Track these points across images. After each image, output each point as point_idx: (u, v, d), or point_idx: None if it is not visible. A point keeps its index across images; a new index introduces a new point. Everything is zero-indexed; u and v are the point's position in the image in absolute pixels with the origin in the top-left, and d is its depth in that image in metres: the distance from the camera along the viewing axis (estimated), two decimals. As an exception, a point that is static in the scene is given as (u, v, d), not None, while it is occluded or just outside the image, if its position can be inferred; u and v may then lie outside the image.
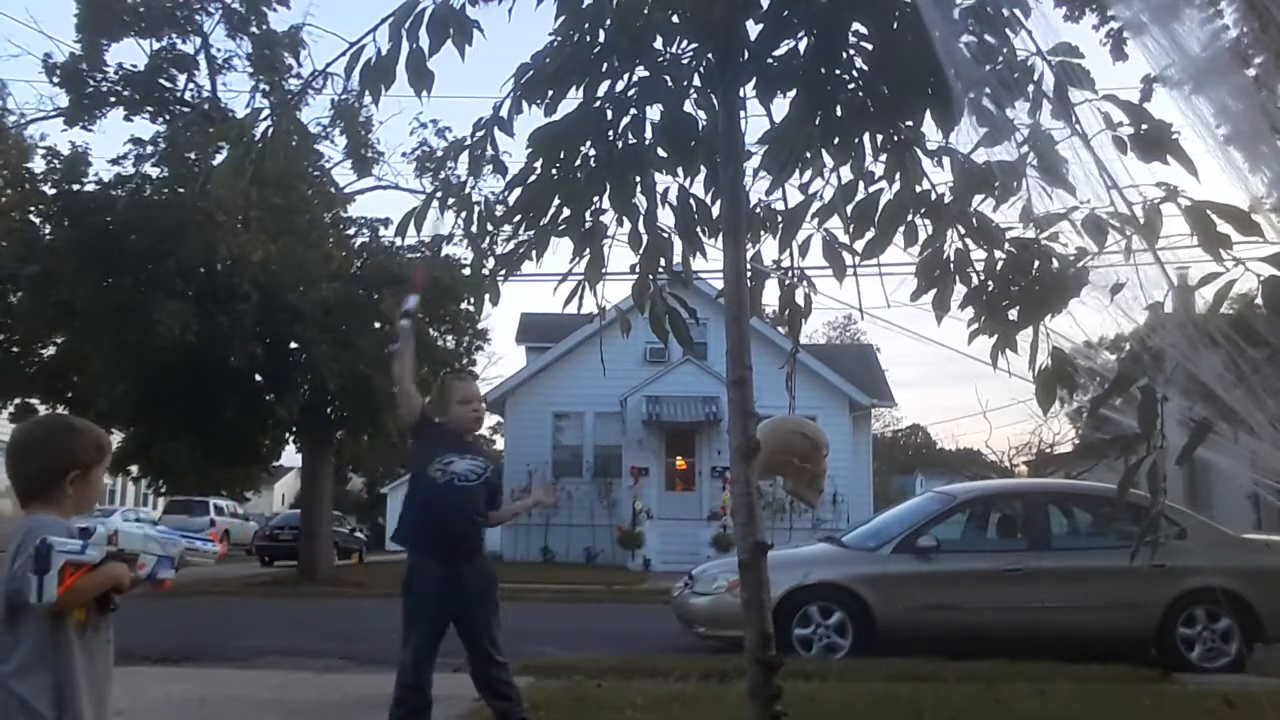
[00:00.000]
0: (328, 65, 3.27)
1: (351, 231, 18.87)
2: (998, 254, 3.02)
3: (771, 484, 4.24)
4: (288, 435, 19.66)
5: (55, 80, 17.63)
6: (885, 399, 29.63)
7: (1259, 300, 2.12)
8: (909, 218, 3.11)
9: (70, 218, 16.18)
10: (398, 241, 16.84)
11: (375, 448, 24.39)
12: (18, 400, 18.78)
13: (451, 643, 4.37)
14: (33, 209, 17.06)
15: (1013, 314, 3.03)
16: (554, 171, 3.07)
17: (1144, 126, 2.42)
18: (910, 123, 3.00)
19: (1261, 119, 1.95)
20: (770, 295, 3.49)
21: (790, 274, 3.43)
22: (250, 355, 15.89)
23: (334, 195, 18.79)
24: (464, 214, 3.26)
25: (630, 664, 7.19)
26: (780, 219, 3.31)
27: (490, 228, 3.30)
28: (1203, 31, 2.11)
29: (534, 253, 3.28)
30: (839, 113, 2.95)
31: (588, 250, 3.26)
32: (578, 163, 3.08)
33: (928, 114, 2.89)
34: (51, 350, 18.40)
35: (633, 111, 3.02)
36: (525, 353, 28.89)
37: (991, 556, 8.77)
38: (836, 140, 3.03)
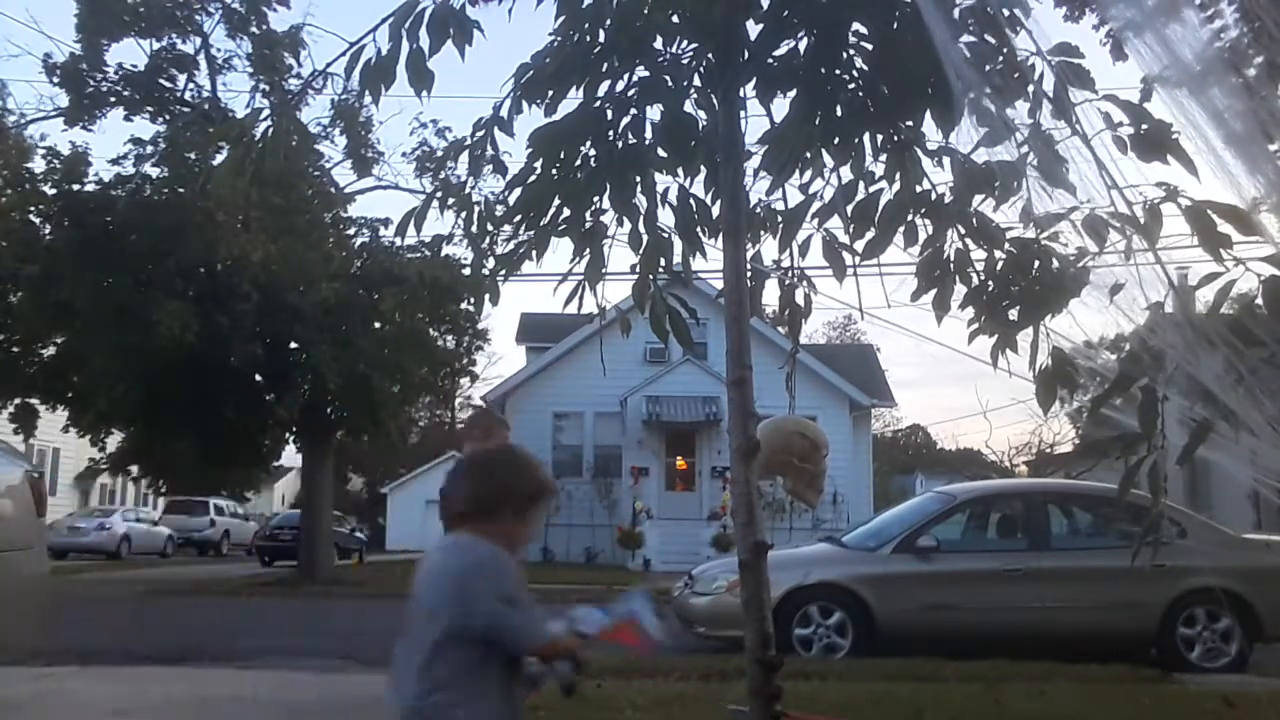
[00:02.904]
0: (328, 65, 3.27)
1: (351, 231, 18.85)
2: (998, 254, 3.02)
3: (771, 484, 4.24)
4: (288, 435, 19.65)
5: (55, 80, 17.62)
6: (885, 399, 29.62)
7: (1259, 301, 2.12)
8: (909, 218, 3.11)
9: (70, 218, 16.17)
10: (398, 241, 16.85)
11: (375, 448, 24.40)
12: (18, 400, 18.77)
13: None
14: (33, 209, 17.04)
15: (1013, 314, 3.03)
16: (554, 171, 3.07)
17: (1144, 126, 2.42)
18: (910, 123, 3.00)
19: (1256, 123, 1.95)
20: (770, 295, 3.50)
21: (790, 274, 3.43)
22: (250, 355, 15.88)
23: (334, 195, 18.77)
24: (464, 214, 3.26)
25: (630, 664, 7.18)
26: (780, 219, 3.31)
27: (490, 228, 3.30)
28: (1200, 34, 2.11)
29: (534, 253, 3.28)
30: (839, 113, 2.95)
31: (588, 250, 3.26)
32: (578, 163, 3.08)
33: (928, 114, 2.89)
34: (51, 350, 18.38)
35: (633, 111, 3.02)
36: (525, 353, 28.89)
37: (991, 556, 8.76)
38: (836, 140, 3.03)
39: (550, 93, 2.94)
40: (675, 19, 2.90)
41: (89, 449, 24.34)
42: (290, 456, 26.61)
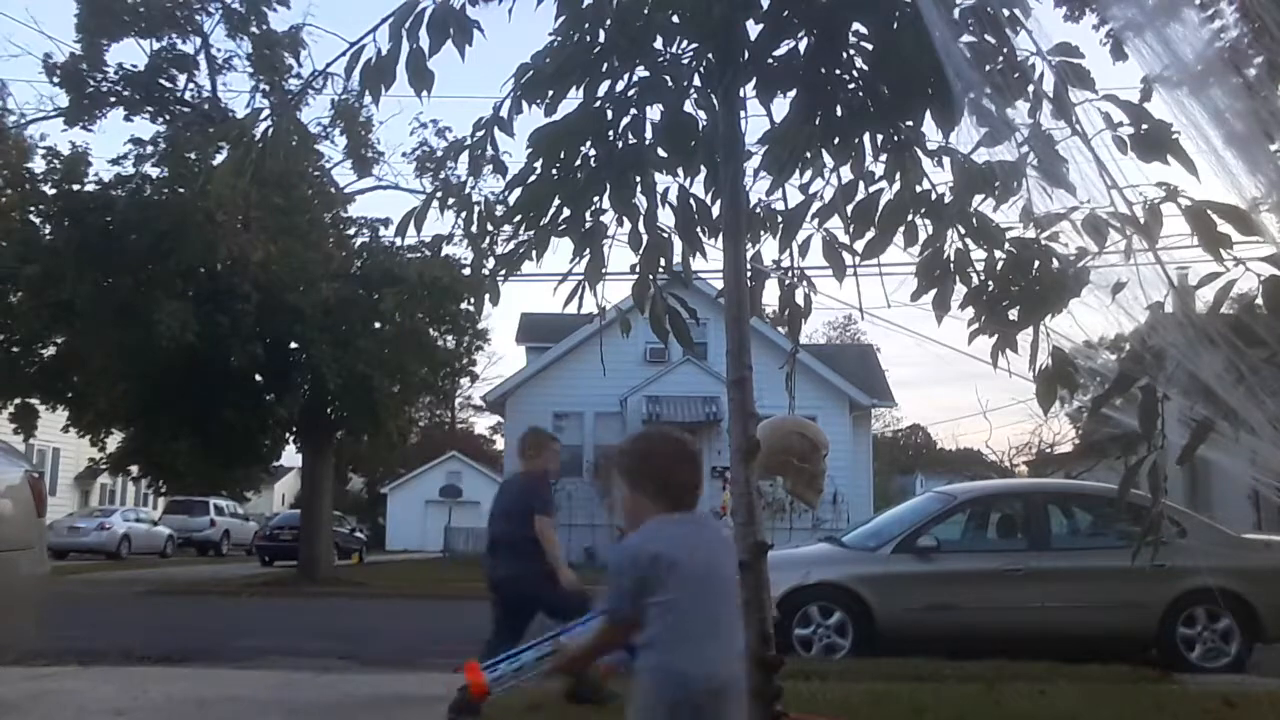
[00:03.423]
0: (328, 65, 3.26)
1: (351, 231, 18.87)
2: (998, 254, 3.02)
3: (771, 484, 4.24)
4: (288, 435, 19.66)
5: (55, 80, 17.63)
6: (885, 399, 29.61)
7: (1259, 300, 2.12)
8: (909, 218, 3.11)
9: (70, 218, 16.17)
10: (398, 241, 16.86)
11: (375, 448, 24.38)
12: (18, 400, 18.77)
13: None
14: (33, 209, 17.05)
15: (1013, 314, 3.03)
16: (554, 171, 3.07)
17: (1144, 126, 2.42)
18: (910, 123, 2.99)
19: (1256, 123, 1.95)
20: (770, 295, 3.49)
21: (790, 274, 3.43)
22: (250, 355, 15.89)
23: (334, 195, 18.79)
24: (464, 214, 3.26)
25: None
26: (780, 219, 3.31)
27: (490, 228, 3.30)
28: (1200, 34, 2.11)
29: (534, 253, 3.27)
30: (839, 113, 2.95)
31: (588, 250, 3.26)
32: (578, 163, 3.08)
33: (928, 114, 2.89)
34: (51, 350, 18.39)
35: (633, 111, 3.02)
36: (525, 353, 28.88)
37: (991, 556, 8.76)
38: (836, 140, 3.02)
39: (550, 93, 2.94)
40: (675, 19, 2.89)
41: (89, 449, 24.35)
42: (290, 456, 26.62)
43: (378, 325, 17.79)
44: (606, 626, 2.40)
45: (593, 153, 3.06)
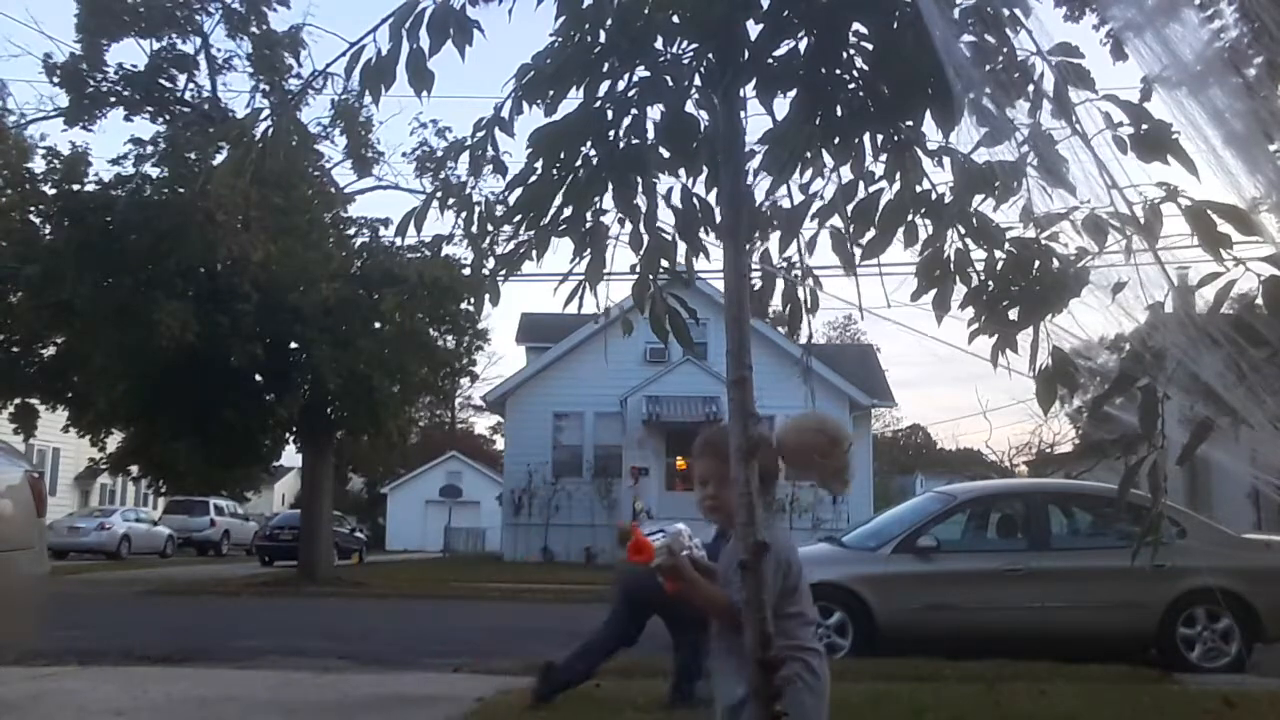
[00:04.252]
0: (328, 65, 3.26)
1: (351, 231, 18.89)
2: (998, 254, 3.02)
3: (795, 485, 4.25)
4: (288, 435, 19.68)
5: (55, 80, 17.66)
6: (885, 399, 29.66)
7: (1259, 300, 2.12)
8: (909, 218, 3.11)
9: (70, 218, 16.18)
10: (398, 241, 16.87)
11: (375, 448, 24.42)
12: (18, 400, 18.78)
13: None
14: (33, 209, 17.07)
15: (1013, 314, 3.03)
16: (554, 171, 3.07)
17: (1144, 126, 2.42)
18: (910, 123, 2.99)
19: (1256, 123, 1.95)
20: (774, 295, 3.49)
21: (793, 269, 3.42)
22: (250, 355, 15.90)
23: (334, 195, 18.81)
24: (464, 214, 3.25)
25: (630, 664, 7.18)
26: (778, 220, 3.31)
27: (490, 228, 3.30)
28: (1200, 34, 2.11)
29: (534, 253, 3.27)
30: (839, 113, 2.95)
31: (588, 250, 3.26)
32: (578, 163, 3.08)
33: (928, 114, 2.89)
34: (51, 350, 18.40)
35: (633, 112, 3.02)
36: (525, 353, 28.93)
37: (991, 556, 8.77)
38: (836, 140, 3.02)
39: (550, 93, 2.94)
40: (675, 19, 2.89)
41: (89, 449, 24.37)
42: (290, 456, 26.66)
43: (378, 325, 17.81)
44: (736, 611, 2.53)
45: (593, 153, 3.06)
